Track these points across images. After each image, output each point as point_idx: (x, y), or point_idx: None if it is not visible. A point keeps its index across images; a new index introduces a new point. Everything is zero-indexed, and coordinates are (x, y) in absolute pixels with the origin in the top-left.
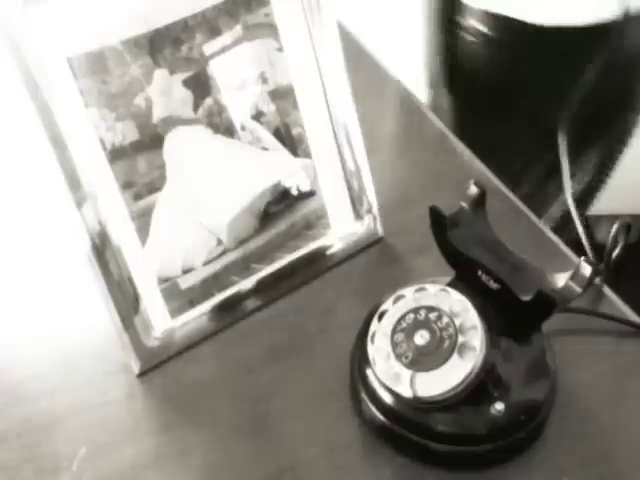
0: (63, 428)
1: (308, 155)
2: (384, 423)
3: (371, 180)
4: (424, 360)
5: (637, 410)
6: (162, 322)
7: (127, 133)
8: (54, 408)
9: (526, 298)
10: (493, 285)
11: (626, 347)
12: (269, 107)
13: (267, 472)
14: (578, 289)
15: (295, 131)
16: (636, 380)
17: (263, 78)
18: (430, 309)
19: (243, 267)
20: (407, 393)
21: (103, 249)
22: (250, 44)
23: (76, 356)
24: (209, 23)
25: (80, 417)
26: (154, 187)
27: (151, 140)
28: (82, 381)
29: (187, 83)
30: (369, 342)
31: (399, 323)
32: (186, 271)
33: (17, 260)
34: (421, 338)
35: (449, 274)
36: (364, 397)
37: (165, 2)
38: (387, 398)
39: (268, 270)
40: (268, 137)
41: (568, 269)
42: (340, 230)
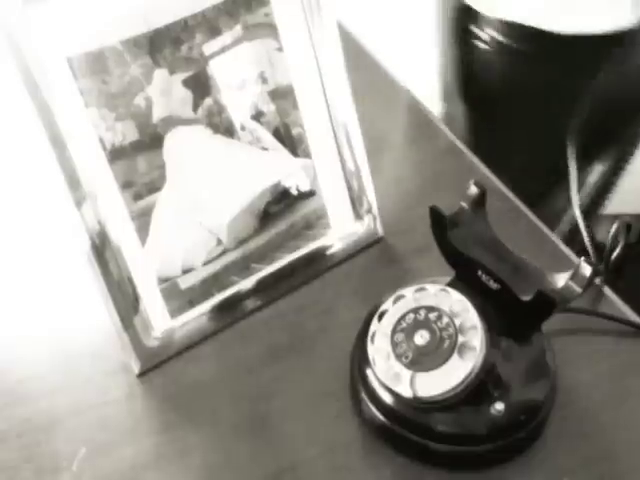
0: (63, 428)
1: (308, 155)
2: (384, 423)
3: (371, 180)
4: (424, 360)
5: (637, 410)
6: (162, 322)
7: (127, 133)
8: (54, 408)
9: (526, 298)
10: (493, 285)
11: (626, 347)
12: (269, 107)
13: (267, 472)
14: (578, 289)
15: (295, 131)
16: (636, 380)
17: (263, 78)
18: (430, 309)
19: (243, 267)
20: (407, 393)
21: (103, 249)
22: (250, 44)
23: (76, 356)
24: (209, 23)
25: (80, 417)
26: (154, 187)
27: (151, 140)
28: (82, 381)
29: (187, 83)
30: (369, 342)
31: (399, 323)
32: (186, 271)
33: (17, 260)
34: (421, 338)
35: (449, 274)
36: (364, 397)
37: (165, 2)
38: (387, 398)
39: (268, 270)
40: (268, 137)
41: (568, 269)
42: (340, 230)
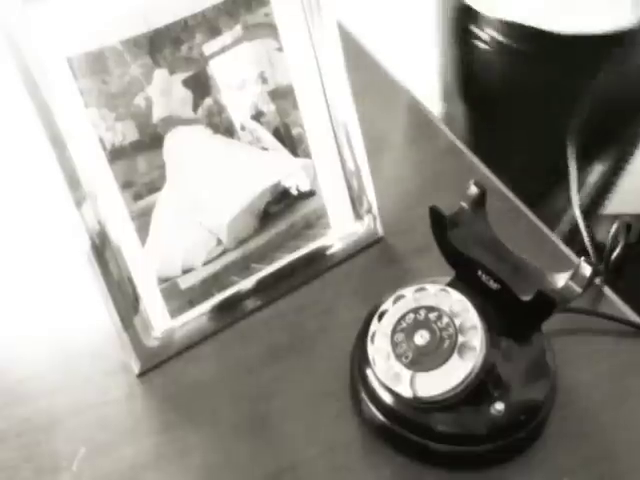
0: (63, 428)
1: (308, 155)
2: (384, 423)
3: (371, 180)
4: (424, 360)
5: (637, 410)
6: (162, 322)
7: (127, 133)
8: (54, 408)
9: (526, 298)
10: (493, 285)
11: (626, 347)
12: (269, 107)
13: (267, 472)
14: (578, 289)
15: (295, 131)
16: (636, 380)
17: (263, 78)
18: (430, 309)
19: (243, 267)
20: (407, 393)
21: (103, 249)
22: (250, 44)
23: (76, 356)
24: (209, 23)
25: (80, 417)
26: (154, 187)
27: (151, 140)
28: (82, 381)
29: (187, 83)
30: (369, 342)
31: (399, 323)
32: (186, 271)
33: (17, 260)
34: (421, 338)
35: (449, 274)
36: (364, 397)
37: (165, 2)
38: (387, 398)
39: (268, 270)
40: (268, 137)
41: (568, 269)
42: (340, 230)
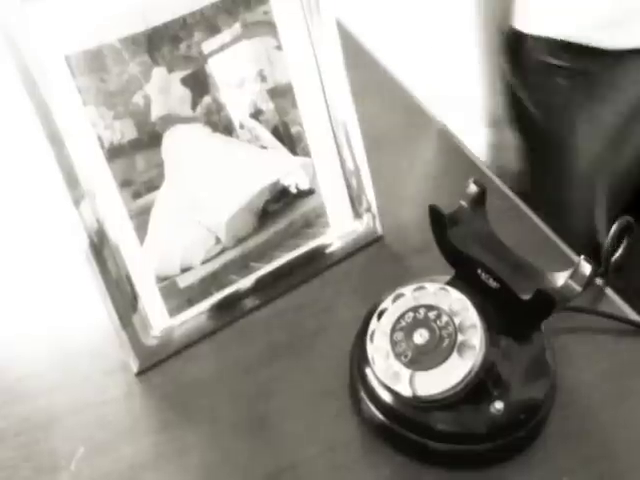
0: (61, 427)
1: (307, 153)
2: (383, 422)
3: (370, 178)
4: (423, 359)
5: (637, 409)
6: (161, 321)
7: (125, 131)
8: (52, 406)
9: (526, 297)
10: (493, 284)
11: (626, 346)
12: (268, 105)
13: (266, 471)
14: (578, 288)
15: (294, 129)
16: (636, 379)
17: (262, 76)
18: (429, 308)
19: (242, 266)
20: (406, 392)
21: (101, 247)
22: (249, 42)
23: (74, 354)
24: (208, 21)
25: (78, 416)
26: (152, 185)
27: (149, 138)
28: (80, 379)
29: (185, 81)
30: (368, 341)
31: (398, 322)
32: (185, 270)
33: (15, 258)
34: (420, 337)
35: (448, 273)
36: (363, 396)
37: (163, 0)
38: (386, 397)
39: (267, 269)
40: (267, 135)
41: (568, 268)
42: (339, 229)
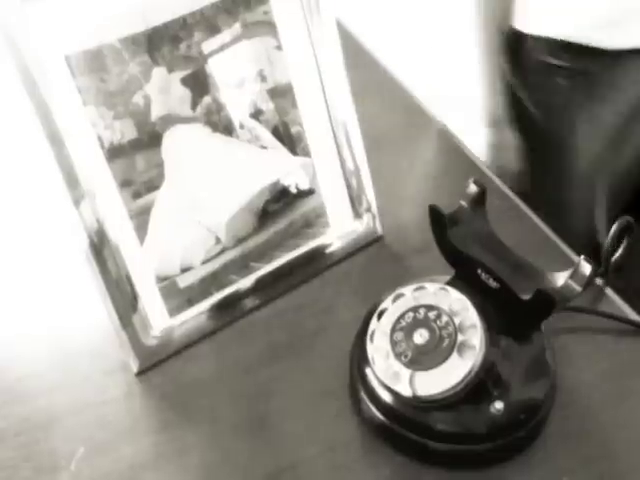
0: (61, 427)
1: (307, 153)
2: (383, 422)
3: (370, 178)
4: (423, 359)
5: (637, 409)
6: (161, 321)
7: (125, 131)
8: (52, 406)
9: (526, 297)
10: (493, 284)
11: (626, 346)
12: (268, 105)
13: (266, 471)
14: (578, 288)
15: (294, 129)
16: (636, 379)
17: (262, 76)
18: (429, 308)
19: (242, 266)
20: (406, 392)
21: (101, 247)
22: (249, 42)
23: (74, 354)
24: (208, 21)
25: (78, 416)
26: (152, 185)
27: (149, 138)
28: (80, 379)
29: (185, 81)
30: (368, 341)
31: (398, 322)
32: (185, 270)
33: (15, 258)
34: (420, 337)
35: (448, 273)
36: (363, 396)
37: (163, 0)
38: (386, 397)
39: (267, 269)
40: (267, 135)
41: (568, 268)
42: (339, 229)
